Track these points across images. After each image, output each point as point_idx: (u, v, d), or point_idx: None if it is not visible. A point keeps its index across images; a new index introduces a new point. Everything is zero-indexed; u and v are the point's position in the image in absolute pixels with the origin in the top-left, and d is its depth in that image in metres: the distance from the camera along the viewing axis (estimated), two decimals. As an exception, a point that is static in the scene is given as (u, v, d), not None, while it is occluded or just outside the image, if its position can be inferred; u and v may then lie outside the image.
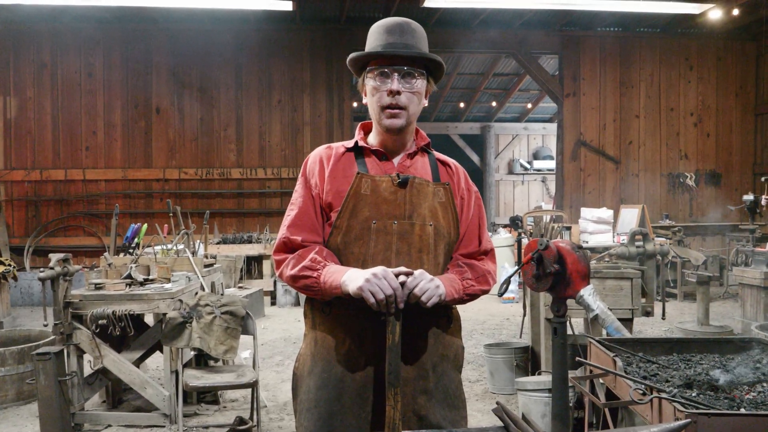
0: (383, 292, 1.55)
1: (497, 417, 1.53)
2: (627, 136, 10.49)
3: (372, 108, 1.79)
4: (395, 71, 1.73)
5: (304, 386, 1.80)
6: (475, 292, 1.80)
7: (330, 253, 1.74)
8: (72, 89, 9.49)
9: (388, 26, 1.78)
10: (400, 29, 1.76)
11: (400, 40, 1.75)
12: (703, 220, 10.57)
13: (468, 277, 1.79)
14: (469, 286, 1.79)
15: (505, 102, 14.81)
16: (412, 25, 1.79)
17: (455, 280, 1.76)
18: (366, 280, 1.56)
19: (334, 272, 1.66)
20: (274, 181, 9.80)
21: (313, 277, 1.68)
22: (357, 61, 1.80)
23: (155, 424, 3.91)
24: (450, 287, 1.72)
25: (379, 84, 1.75)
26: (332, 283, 1.64)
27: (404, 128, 1.78)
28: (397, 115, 1.75)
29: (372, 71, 1.76)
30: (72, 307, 3.82)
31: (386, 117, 1.76)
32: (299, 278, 1.70)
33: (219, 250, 8.01)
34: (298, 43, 9.82)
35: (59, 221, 9.45)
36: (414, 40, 1.77)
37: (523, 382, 3.79)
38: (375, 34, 1.79)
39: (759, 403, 2.08)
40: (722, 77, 10.60)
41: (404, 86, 1.74)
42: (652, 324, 6.69)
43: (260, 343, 6.08)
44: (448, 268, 1.82)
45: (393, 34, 1.75)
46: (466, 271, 1.80)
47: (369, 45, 1.80)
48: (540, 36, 10.22)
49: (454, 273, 1.79)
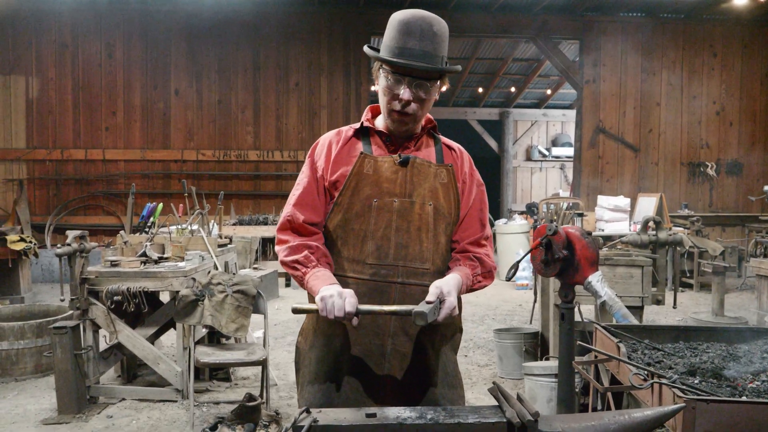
0: (334, 313, 1.60)
1: (492, 396, 1.55)
2: (647, 124, 10.34)
3: (381, 103, 1.80)
4: (409, 79, 1.71)
5: (306, 359, 1.85)
6: (479, 287, 1.85)
7: (325, 254, 1.79)
8: (92, 70, 9.60)
9: (408, 26, 1.69)
10: (420, 32, 1.68)
11: (418, 46, 1.68)
12: (722, 210, 10.42)
13: (478, 272, 1.83)
14: (477, 282, 1.83)
15: (524, 88, 14.65)
16: (434, 27, 1.70)
17: (469, 276, 1.80)
18: (330, 295, 1.62)
19: (319, 278, 1.71)
20: (291, 163, 9.85)
21: (299, 273, 1.76)
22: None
23: (168, 399, 4.01)
24: (464, 285, 1.76)
25: (392, 85, 1.73)
26: (312, 288, 1.71)
27: (411, 130, 1.81)
28: (404, 121, 1.77)
29: (386, 70, 1.74)
30: (88, 283, 3.91)
31: (393, 121, 1.77)
32: (289, 267, 1.79)
33: (235, 231, 8.09)
34: (316, 25, 9.80)
35: (79, 200, 9.62)
36: (433, 45, 1.70)
37: (530, 366, 3.80)
38: (393, 31, 1.72)
39: (761, 392, 2.08)
40: (747, 65, 10.38)
41: (416, 95, 1.72)
42: (666, 313, 6.64)
43: (273, 324, 6.16)
44: (459, 258, 1.84)
45: (412, 36, 1.68)
46: (477, 267, 1.83)
47: (386, 42, 1.74)
48: (561, 21, 10.08)
49: (467, 267, 1.81)
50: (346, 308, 1.58)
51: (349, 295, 1.61)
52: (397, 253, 1.74)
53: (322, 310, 1.61)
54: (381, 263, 1.74)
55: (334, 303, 1.59)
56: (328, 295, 1.61)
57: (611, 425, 1.45)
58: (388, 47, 1.73)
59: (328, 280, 1.69)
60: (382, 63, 1.74)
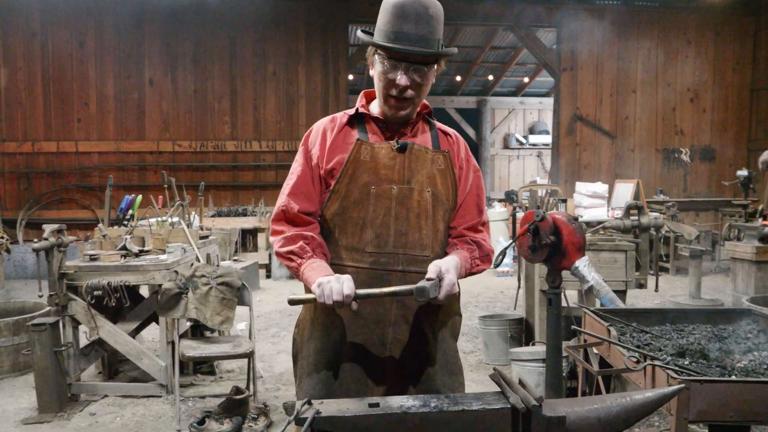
0: (332, 297, 1.57)
1: (494, 382, 1.54)
2: (623, 111, 10.46)
3: (377, 88, 1.76)
4: (405, 64, 1.67)
5: (304, 351, 1.82)
6: (478, 271, 1.83)
7: (320, 243, 1.75)
8: (63, 60, 9.35)
9: (403, 9, 1.65)
10: (416, 15, 1.64)
11: (414, 30, 1.64)
12: (696, 195, 10.61)
13: (476, 256, 1.82)
14: (476, 265, 1.82)
15: (501, 76, 14.69)
16: (429, 10, 1.66)
17: (467, 259, 1.78)
18: (327, 280, 1.59)
19: (314, 269, 1.68)
20: (269, 154, 9.74)
21: (294, 265, 1.73)
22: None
23: (152, 395, 3.94)
24: (462, 268, 1.74)
25: (388, 70, 1.69)
26: (308, 279, 1.68)
27: (408, 116, 1.77)
28: (402, 107, 1.73)
29: (381, 56, 1.69)
30: (67, 279, 3.81)
31: (390, 107, 1.74)
32: (284, 258, 1.75)
33: (214, 223, 7.98)
34: (293, 13, 9.67)
35: (52, 194, 9.40)
36: (429, 29, 1.66)
37: (518, 352, 3.83)
38: (388, 15, 1.68)
39: (749, 371, 2.12)
40: (720, 52, 10.54)
41: (413, 80, 1.68)
42: (644, 297, 6.75)
43: (255, 315, 6.08)
44: (457, 243, 1.82)
45: (408, 20, 1.64)
46: (475, 250, 1.82)
47: (381, 26, 1.69)
48: (538, 9, 10.11)
49: (465, 250, 1.80)
50: (344, 291, 1.55)
51: (346, 279, 1.59)
52: (396, 240, 1.72)
53: (320, 296, 1.58)
54: (380, 251, 1.71)
55: (332, 287, 1.56)
56: (325, 281, 1.59)
57: (614, 407, 1.45)
58: (382, 32, 1.68)
59: (324, 271, 1.66)
60: (377, 48, 1.70)
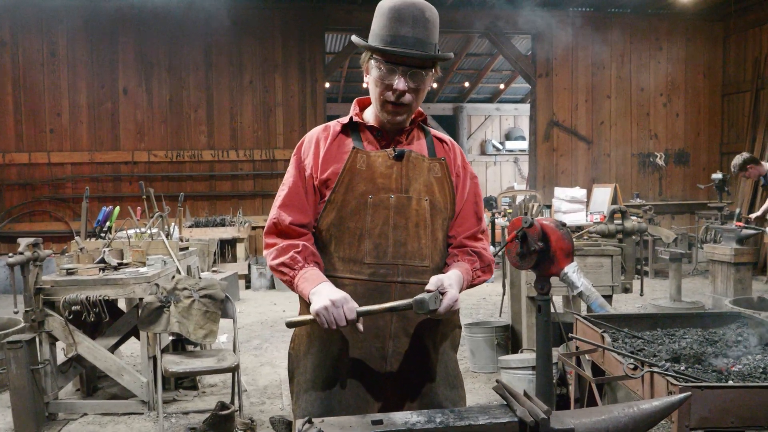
0: (336, 324, 1.54)
1: (499, 395, 1.50)
2: (599, 116, 10.58)
3: (373, 94, 1.72)
4: (403, 68, 1.64)
5: (301, 367, 1.76)
6: (479, 282, 1.81)
7: (312, 252, 1.71)
8: (34, 69, 9.11)
9: (399, 13, 1.62)
10: (413, 19, 1.62)
11: (412, 33, 1.62)
12: (672, 198, 10.78)
13: (477, 267, 1.79)
14: (477, 277, 1.79)
15: (477, 82, 14.80)
16: (425, 13, 1.64)
17: (468, 271, 1.75)
18: (324, 308, 1.54)
19: (307, 280, 1.64)
20: (247, 163, 9.62)
21: (288, 278, 1.68)
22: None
23: (133, 411, 3.83)
24: (464, 281, 1.71)
25: (385, 75, 1.65)
26: (302, 290, 1.64)
27: (405, 122, 1.74)
28: (399, 112, 1.70)
29: (378, 60, 1.66)
30: (43, 294, 3.69)
31: (387, 113, 1.70)
32: (277, 272, 1.71)
33: (191, 233, 7.84)
34: (269, 21, 9.58)
35: (24, 206, 9.14)
36: (426, 32, 1.64)
37: (507, 360, 3.81)
38: (384, 19, 1.65)
39: (746, 375, 2.11)
40: (691, 58, 10.74)
41: (410, 84, 1.66)
42: (626, 301, 6.80)
43: (237, 327, 5.99)
44: (458, 254, 1.79)
45: (405, 24, 1.62)
46: (476, 261, 1.79)
47: (376, 30, 1.66)
48: (513, 16, 10.19)
49: (466, 262, 1.77)
50: (347, 317, 1.52)
51: (344, 301, 1.54)
52: (395, 251, 1.68)
53: (322, 324, 1.55)
54: (379, 262, 1.67)
55: (332, 314, 1.52)
56: (322, 308, 1.54)
57: (622, 418, 1.43)
58: (378, 36, 1.65)
59: (317, 280, 1.62)
60: (373, 53, 1.66)
